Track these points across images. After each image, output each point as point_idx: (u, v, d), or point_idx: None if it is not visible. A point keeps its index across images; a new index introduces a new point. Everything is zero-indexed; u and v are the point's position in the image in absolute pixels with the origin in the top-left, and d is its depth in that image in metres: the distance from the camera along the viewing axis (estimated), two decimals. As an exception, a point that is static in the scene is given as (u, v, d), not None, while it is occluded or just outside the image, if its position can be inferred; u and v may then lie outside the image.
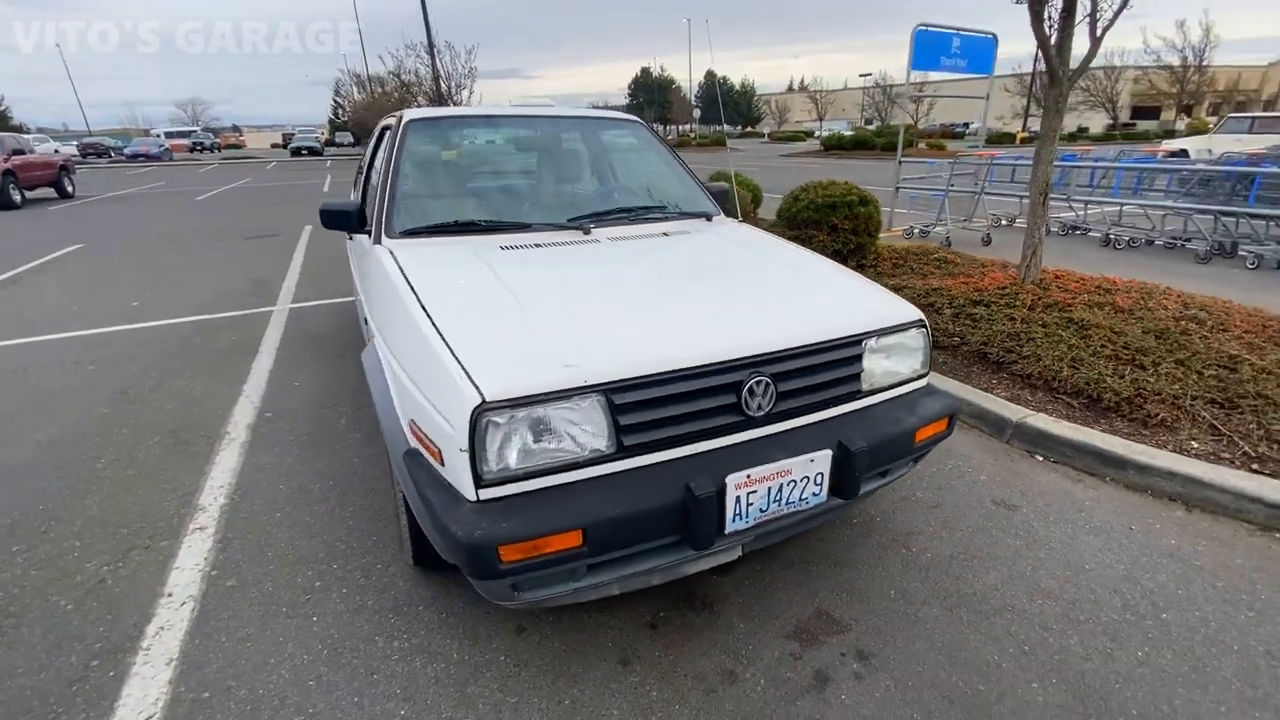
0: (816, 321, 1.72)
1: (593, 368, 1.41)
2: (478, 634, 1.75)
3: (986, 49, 8.36)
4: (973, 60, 8.31)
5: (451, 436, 1.33)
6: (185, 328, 4.67)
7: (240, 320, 4.86)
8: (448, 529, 1.32)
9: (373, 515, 2.32)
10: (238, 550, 2.14)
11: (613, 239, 2.29)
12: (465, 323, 1.56)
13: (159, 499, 2.46)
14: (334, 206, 2.34)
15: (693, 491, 1.41)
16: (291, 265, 6.86)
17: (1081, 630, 1.73)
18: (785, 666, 1.63)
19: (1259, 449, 2.46)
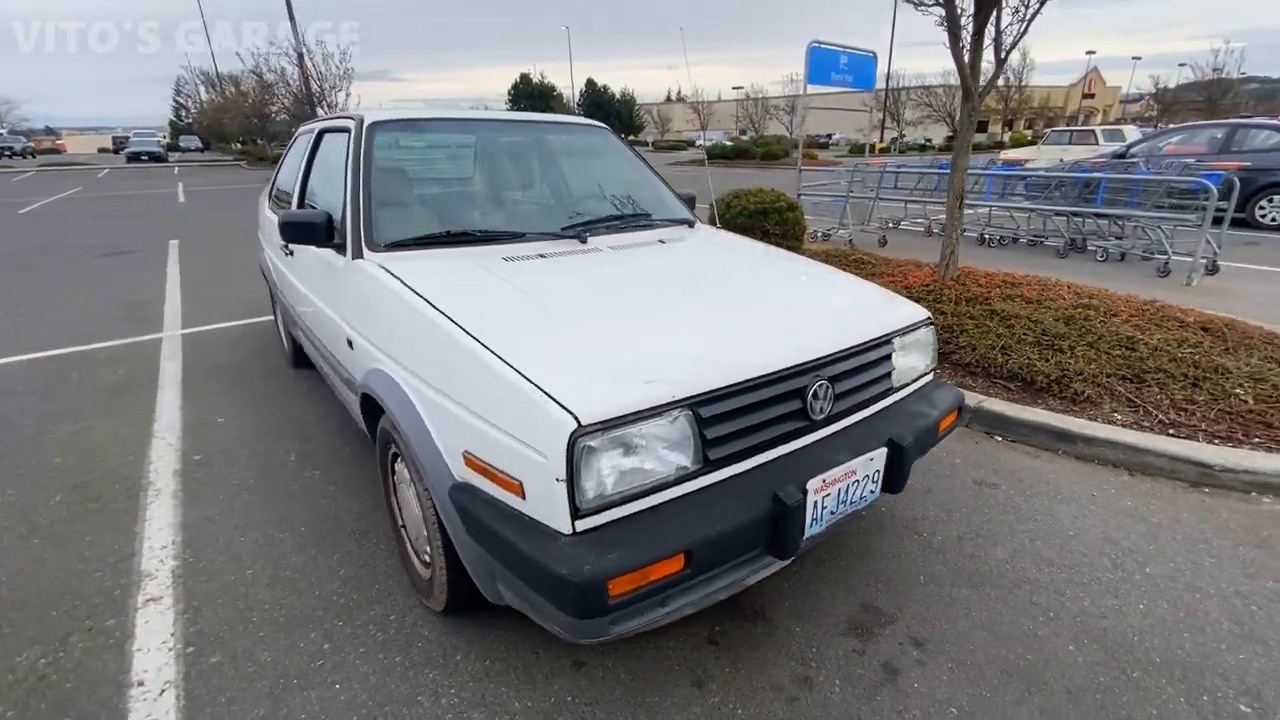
0: (855, 324, 1.77)
1: (677, 382, 1.35)
2: (533, 677, 1.62)
3: (869, 66, 9.09)
4: (858, 76, 8.99)
5: (543, 465, 1.22)
6: (55, 363, 3.96)
7: (124, 351, 4.20)
8: (548, 567, 1.20)
9: (366, 561, 2.08)
10: (212, 619, 1.84)
11: (612, 247, 2.23)
12: (517, 341, 1.44)
13: (85, 569, 2.06)
14: (299, 219, 2.08)
15: (783, 500, 1.39)
16: (168, 285, 6.05)
17: (1089, 592, 1.90)
18: (853, 664, 1.65)
19: (1170, 416, 2.85)
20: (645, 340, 1.55)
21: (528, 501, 1.28)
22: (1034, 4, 3.48)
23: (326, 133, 2.84)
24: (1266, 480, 2.41)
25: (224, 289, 5.90)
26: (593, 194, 2.56)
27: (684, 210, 2.77)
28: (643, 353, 1.48)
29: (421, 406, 1.54)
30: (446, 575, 1.62)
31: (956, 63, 3.65)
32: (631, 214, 2.53)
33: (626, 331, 1.59)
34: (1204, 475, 2.48)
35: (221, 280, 6.27)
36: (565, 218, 2.36)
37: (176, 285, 6.05)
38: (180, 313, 5.10)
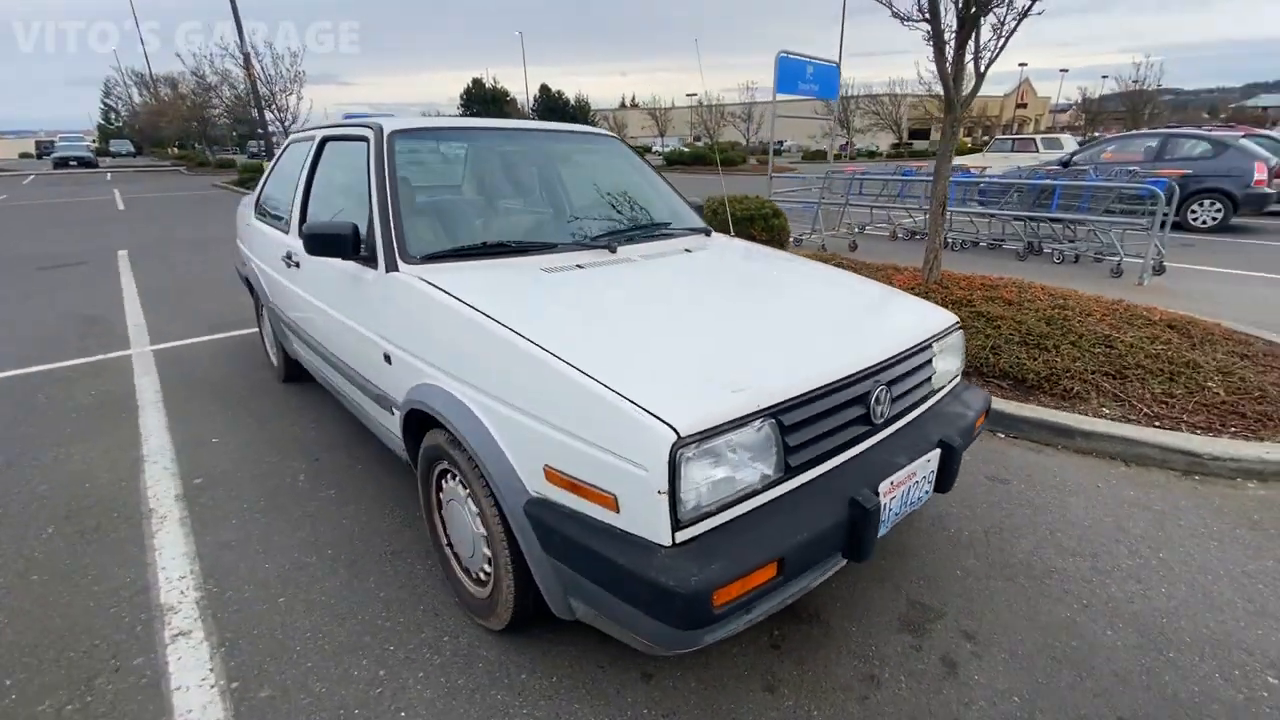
0: (902, 329, 1.83)
1: (760, 391, 1.37)
2: (604, 691, 1.61)
3: (833, 76, 9.37)
4: (823, 86, 9.25)
5: (642, 478, 1.22)
6: (18, 383, 3.70)
7: (91, 369, 3.96)
8: (651, 580, 1.20)
9: (404, 582, 2.02)
10: (252, 652, 1.75)
11: (644, 256, 2.24)
12: (592, 353, 1.43)
13: (97, 606, 1.93)
14: (326, 230, 2.01)
15: (861, 504, 1.43)
16: (126, 299, 5.73)
17: (1114, 579, 2.01)
18: (913, 660, 1.70)
19: (1153, 408, 3.04)
20: (715, 350, 1.56)
21: (622, 515, 1.28)
22: (1011, 23, 3.66)
23: (330, 141, 2.76)
24: (1249, 467, 2.59)
25: (190, 302, 5.63)
26: (611, 203, 2.56)
27: (697, 218, 2.80)
28: (717, 363, 1.49)
29: (490, 422, 1.51)
30: (514, 592, 1.60)
31: (940, 75, 3.81)
32: (653, 223, 2.54)
33: (692, 342, 1.61)
34: (1194, 464, 2.65)
35: (186, 293, 5.99)
36: (591, 227, 2.36)
37: (135, 298, 5.73)
38: (146, 328, 4.83)
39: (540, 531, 1.43)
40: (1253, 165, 8.48)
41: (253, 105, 18.32)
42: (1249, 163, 8.51)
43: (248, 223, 3.69)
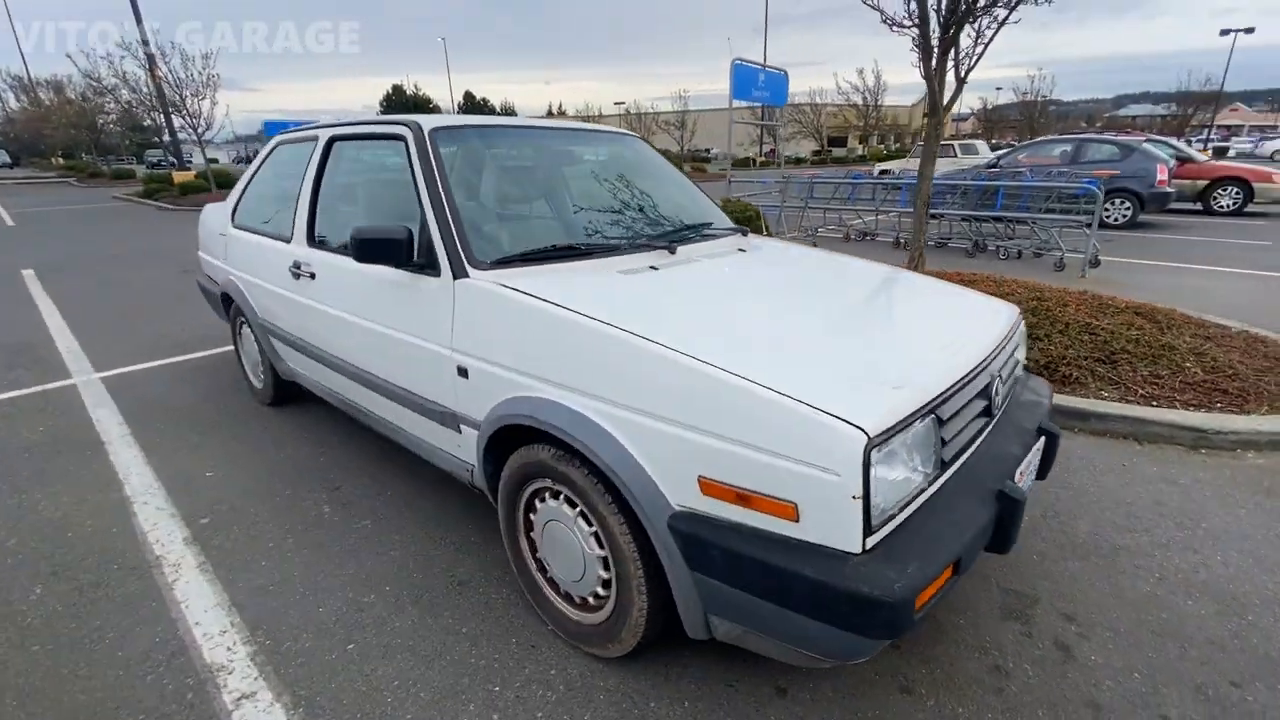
0: (992, 319, 1.86)
1: (918, 387, 1.34)
2: (743, 711, 1.53)
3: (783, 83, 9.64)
4: (773, 92, 9.50)
5: (833, 484, 1.16)
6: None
7: (31, 403, 3.49)
8: (852, 590, 1.14)
9: (484, 614, 1.87)
10: (336, 710, 1.56)
11: (706, 256, 2.19)
12: (741, 357, 1.36)
13: (127, 675, 1.67)
14: (379, 235, 1.83)
15: (1010, 496, 1.42)
16: (47, 323, 5.12)
17: (1173, 551, 2.12)
18: (1029, 647, 1.72)
19: (1146, 390, 3.25)
20: (848, 349, 1.53)
21: (803, 524, 1.21)
22: (988, 35, 3.87)
23: (339, 141, 2.55)
24: (1246, 439, 2.81)
25: (129, 323, 5.10)
26: (653, 202, 2.49)
27: (726, 218, 2.77)
28: (858, 361, 1.45)
29: (623, 434, 1.41)
30: (646, 614, 1.49)
31: (927, 81, 3.97)
32: (699, 222, 2.49)
33: (822, 341, 1.57)
34: (1199, 439, 2.85)
35: (121, 314, 5.42)
36: (643, 227, 2.28)
37: (60, 321, 5.12)
38: (84, 354, 4.32)
39: (686, 547, 1.34)
40: (1156, 167, 9.36)
41: (158, 110, 16.96)
42: (1153, 165, 9.38)
43: (220, 233, 3.36)
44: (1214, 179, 10.78)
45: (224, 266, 3.33)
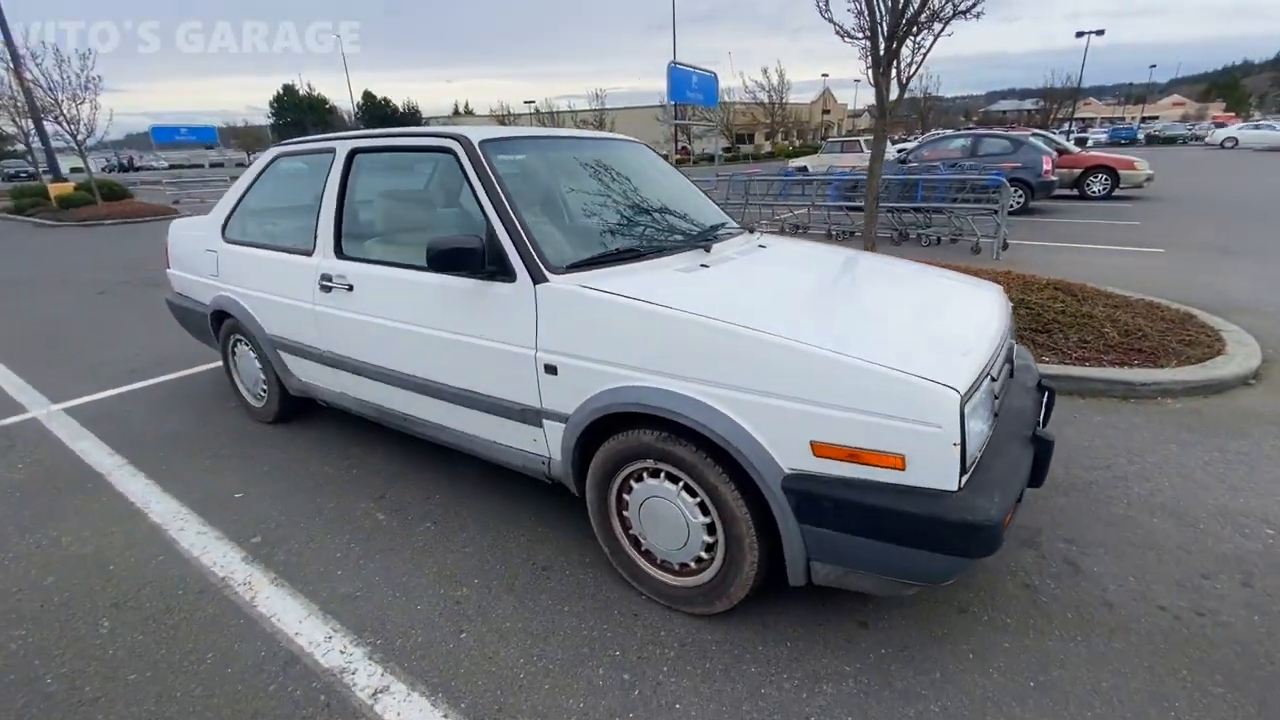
0: (992, 295, 2.19)
1: (977, 354, 1.63)
2: (839, 643, 1.77)
3: (713, 85, 10.06)
4: (706, 94, 9.91)
5: (935, 434, 1.41)
6: (-95, 471, 2.92)
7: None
8: (957, 519, 1.41)
9: (579, 592, 2.01)
10: (474, 689, 1.66)
11: (738, 253, 2.41)
12: (832, 337, 1.59)
13: (250, 689, 1.70)
14: (453, 245, 1.92)
15: (1044, 439, 1.74)
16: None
17: (1131, 481, 2.55)
18: (1046, 566, 2.07)
19: (1078, 353, 3.79)
20: (908, 324, 1.81)
21: (910, 471, 1.46)
22: (927, 44, 4.33)
23: (362, 153, 2.58)
24: (1165, 388, 3.37)
25: (70, 351, 4.73)
26: (677, 204, 2.68)
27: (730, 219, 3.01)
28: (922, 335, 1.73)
29: (734, 411, 1.60)
30: (757, 568, 1.70)
31: (875, 86, 4.38)
32: (719, 223, 2.71)
33: (883, 320, 1.84)
34: (1128, 390, 3.38)
35: (49, 343, 5.00)
36: (679, 228, 2.47)
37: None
38: (30, 387, 3.99)
39: (798, 503, 1.57)
40: (1042, 158, 10.51)
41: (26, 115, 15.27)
42: (1039, 156, 10.53)
43: (207, 248, 3.24)
44: (1087, 168, 12.21)
45: (214, 283, 3.22)
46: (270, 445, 3.11)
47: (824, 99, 72.20)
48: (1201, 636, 1.76)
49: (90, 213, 14.65)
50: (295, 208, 2.90)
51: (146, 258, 9.12)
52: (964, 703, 1.58)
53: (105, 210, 15.00)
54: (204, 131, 20.33)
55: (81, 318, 5.81)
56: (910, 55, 4.37)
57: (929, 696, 1.60)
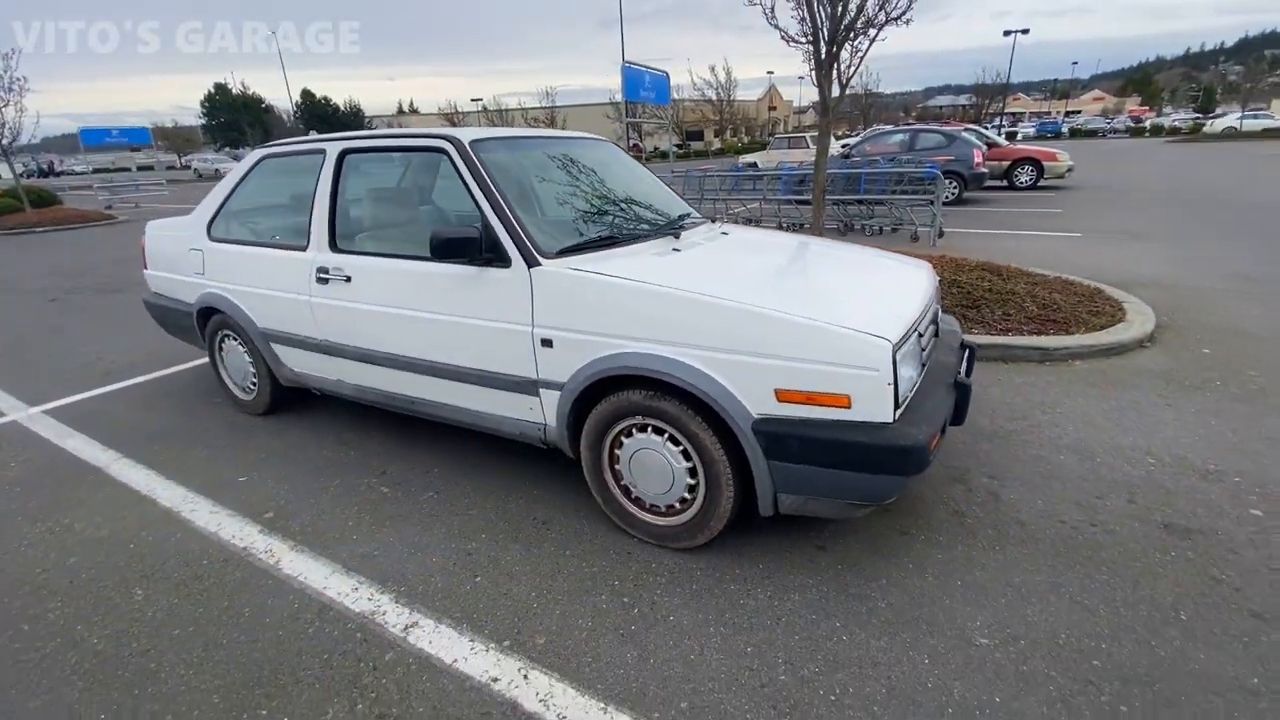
0: (922, 267, 2.55)
1: (906, 314, 1.97)
2: (802, 563, 2.09)
3: (665, 84, 10.37)
4: (658, 93, 10.21)
5: (874, 377, 1.74)
6: (-106, 473, 2.94)
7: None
8: (886, 444, 1.74)
9: (576, 540, 2.28)
10: (495, 617, 1.91)
11: (704, 239, 2.71)
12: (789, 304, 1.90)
13: (289, 633, 1.90)
14: (455, 235, 2.16)
15: (963, 384, 2.10)
16: (-78, 366, 4.55)
17: (1044, 429, 2.97)
18: (972, 496, 2.44)
19: (1002, 325, 4.25)
20: (850, 292, 2.14)
21: (854, 409, 1.78)
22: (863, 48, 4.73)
23: (353, 154, 2.77)
24: (1074, 351, 3.85)
25: (33, 357, 4.70)
26: (645, 197, 2.96)
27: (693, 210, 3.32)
28: (862, 301, 2.06)
29: (711, 368, 1.89)
30: (733, 502, 2.00)
31: (819, 87, 4.76)
32: (684, 213, 3.01)
33: (830, 290, 2.17)
34: (1044, 355, 3.84)
35: (21, 350, 4.95)
36: (650, 218, 2.75)
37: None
38: (2, 392, 3.98)
39: (766, 442, 1.87)
40: (973, 152, 11.24)
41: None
42: (971, 150, 11.25)
43: (192, 248, 3.35)
44: (1014, 160, 13.08)
45: (201, 281, 3.34)
46: (265, 434, 3.26)
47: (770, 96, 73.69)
48: (1093, 541, 2.16)
49: (19, 220, 13.94)
50: (284, 206, 3.06)
51: (89, 265, 8.87)
52: (905, 599, 1.92)
53: (35, 218, 14.29)
54: (136, 133, 19.48)
55: (38, 325, 5.70)
56: (849, 58, 4.77)
57: (876, 597, 1.94)
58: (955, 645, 1.74)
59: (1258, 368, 3.60)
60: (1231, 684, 1.59)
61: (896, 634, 1.79)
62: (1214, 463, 2.62)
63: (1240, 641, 1.72)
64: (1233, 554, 2.07)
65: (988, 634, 1.77)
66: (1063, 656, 1.69)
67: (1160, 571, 2.00)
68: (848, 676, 1.66)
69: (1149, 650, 1.70)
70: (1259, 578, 1.95)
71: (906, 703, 1.57)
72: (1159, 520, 2.25)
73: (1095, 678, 1.62)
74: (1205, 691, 1.57)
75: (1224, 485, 2.46)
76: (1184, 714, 1.52)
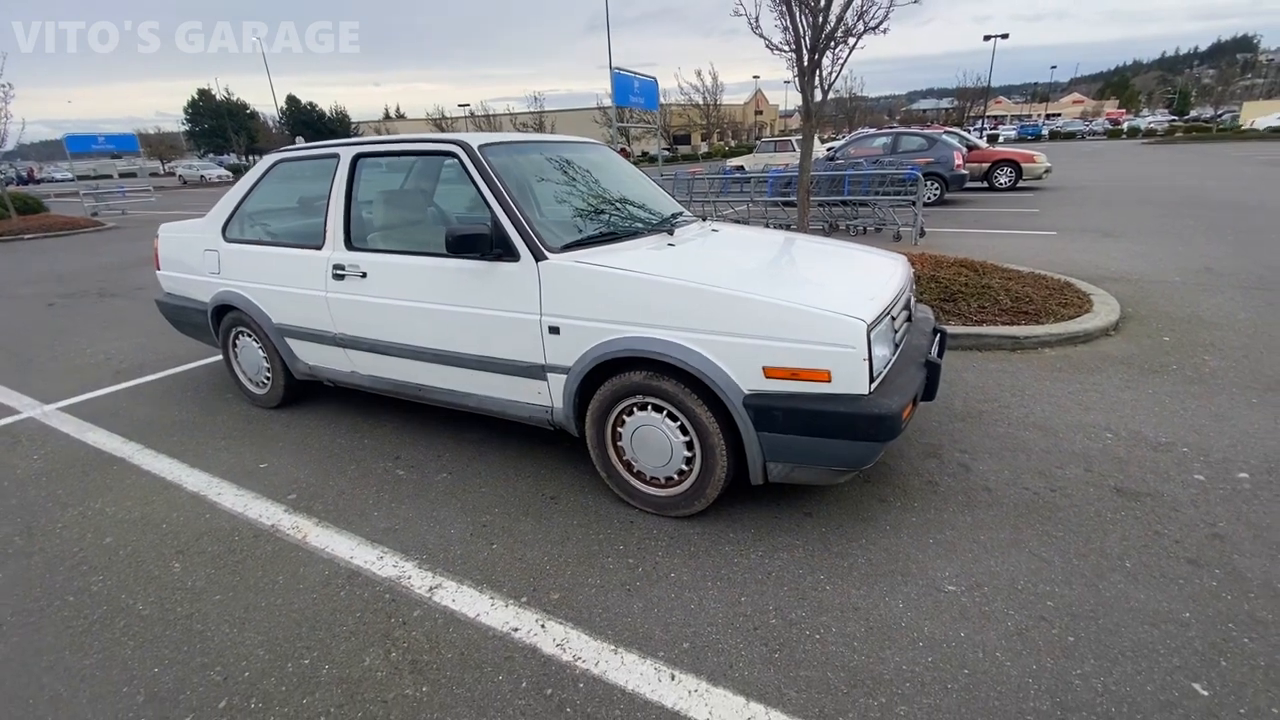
0: (900, 264, 2.78)
1: (880, 299, 2.19)
2: (791, 527, 2.29)
3: (653, 89, 10.60)
4: (647, 98, 10.44)
5: (850, 353, 1.95)
6: (-76, 465, 3.07)
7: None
8: (862, 413, 1.95)
9: (581, 513, 2.46)
10: (573, 578, 2.10)
11: (696, 236, 2.91)
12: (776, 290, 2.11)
13: (322, 597, 2.08)
14: (468, 231, 2.35)
15: (933, 363, 2.32)
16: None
17: (1013, 410, 3.20)
18: (944, 468, 2.66)
19: (977, 316, 4.50)
20: (830, 280, 2.35)
21: (834, 382, 1.99)
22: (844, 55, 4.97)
23: (367, 158, 2.95)
24: (1043, 340, 4.09)
25: (39, 358, 4.82)
26: (639, 197, 3.17)
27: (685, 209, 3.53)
28: (841, 287, 2.27)
29: (706, 349, 2.09)
30: (727, 473, 2.20)
31: (802, 93, 4.99)
32: (675, 212, 3.21)
33: (813, 278, 2.38)
34: (1015, 344, 4.09)
35: (26, 352, 5.06)
36: (645, 216, 2.96)
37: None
38: (14, 392, 4.10)
39: (756, 415, 2.08)
40: (954, 154, 11.57)
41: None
42: (952, 153, 11.58)
43: (207, 248, 3.51)
44: (994, 162, 13.44)
45: (216, 280, 3.49)
46: (279, 426, 3.42)
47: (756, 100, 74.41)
48: (1052, 504, 2.38)
49: (6, 228, 13.90)
50: (298, 207, 3.23)
51: (83, 271, 8.93)
52: (882, 556, 2.13)
53: (21, 225, 14.27)
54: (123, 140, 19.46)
55: (39, 329, 5.80)
56: (830, 65, 5.01)
57: (857, 554, 2.14)
58: (926, 592, 1.95)
59: (1212, 352, 3.86)
60: (1166, 616, 1.81)
61: (874, 584, 2.00)
62: (1165, 436, 2.86)
63: (1176, 584, 1.94)
64: (1175, 512, 2.30)
65: (955, 582, 1.98)
66: (1020, 598, 1.90)
67: (1110, 528, 2.22)
68: (830, 619, 1.86)
69: (1095, 591, 1.92)
70: (1196, 531, 2.18)
71: (882, 639, 1.78)
72: (1111, 485, 2.48)
73: (1048, 615, 1.84)
74: (1142, 623, 1.79)
75: (1172, 455, 2.70)
76: (1124, 640, 1.73)
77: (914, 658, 1.71)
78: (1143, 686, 1.60)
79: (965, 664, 1.68)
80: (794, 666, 1.70)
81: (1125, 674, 1.64)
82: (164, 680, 1.76)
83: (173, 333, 4.15)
